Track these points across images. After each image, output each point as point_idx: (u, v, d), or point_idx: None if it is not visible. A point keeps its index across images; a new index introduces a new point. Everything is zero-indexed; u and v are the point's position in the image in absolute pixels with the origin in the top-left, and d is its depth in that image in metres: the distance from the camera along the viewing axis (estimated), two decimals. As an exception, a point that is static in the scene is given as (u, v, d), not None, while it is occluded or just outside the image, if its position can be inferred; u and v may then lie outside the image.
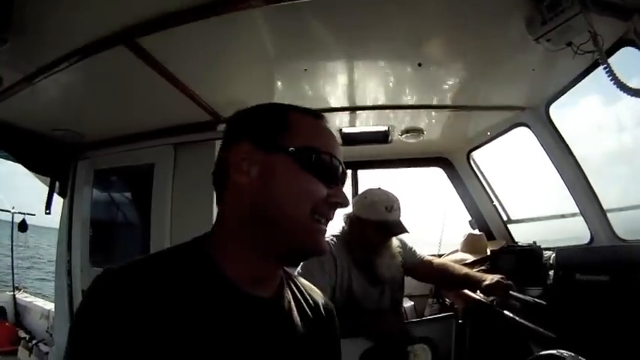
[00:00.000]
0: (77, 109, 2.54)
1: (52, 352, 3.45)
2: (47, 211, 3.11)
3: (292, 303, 0.84)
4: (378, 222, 2.02)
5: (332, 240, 2.10)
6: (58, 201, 3.16)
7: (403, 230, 2.05)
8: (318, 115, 0.82)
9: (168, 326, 0.63)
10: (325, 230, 0.78)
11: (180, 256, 0.74)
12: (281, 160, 0.74)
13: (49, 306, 4.71)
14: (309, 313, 0.87)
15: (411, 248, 2.26)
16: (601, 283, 1.44)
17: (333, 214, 0.78)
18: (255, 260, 0.75)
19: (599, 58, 1.38)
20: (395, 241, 2.16)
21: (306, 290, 0.92)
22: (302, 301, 0.87)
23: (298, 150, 0.74)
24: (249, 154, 0.75)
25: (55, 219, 3.26)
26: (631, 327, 1.26)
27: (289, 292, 0.85)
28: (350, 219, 2.14)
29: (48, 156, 2.97)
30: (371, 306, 2.09)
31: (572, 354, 1.06)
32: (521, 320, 1.71)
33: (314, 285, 1.77)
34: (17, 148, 2.81)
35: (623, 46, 1.62)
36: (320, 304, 0.92)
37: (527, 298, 1.78)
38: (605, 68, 1.38)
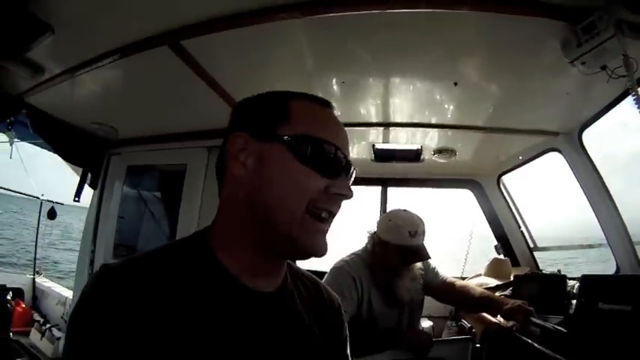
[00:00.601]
0: (115, 104, 2.66)
1: (64, 338, 3.59)
2: (76, 199, 3.27)
3: (296, 298, 0.82)
4: (401, 247, 2.04)
5: (353, 259, 2.14)
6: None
7: (425, 257, 2.08)
8: (325, 103, 0.79)
9: (169, 321, 0.63)
10: (326, 230, 0.75)
11: (180, 250, 0.74)
12: (276, 149, 0.72)
13: (67, 293, 4.89)
14: (314, 308, 0.85)
15: (434, 268, 2.29)
16: (624, 313, 1.42)
17: (338, 207, 0.75)
18: (253, 254, 0.73)
19: (629, 82, 1.38)
20: (417, 267, 2.18)
21: (312, 285, 0.91)
22: (306, 296, 0.86)
23: (294, 138, 0.71)
24: (246, 144, 0.73)
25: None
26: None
27: (294, 287, 0.84)
28: (373, 239, 2.17)
29: (83, 148, 3.13)
30: (389, 325, 2.10)
31: None
32: (541, 347, 1.69)
33: None
34: (54, 137, 2.95)
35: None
36: (326, 299, 0.91)
37: (548, 324, 1.77)
38: (632, 94, 1.38)
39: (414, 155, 3.09)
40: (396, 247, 2.04)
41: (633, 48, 1.41)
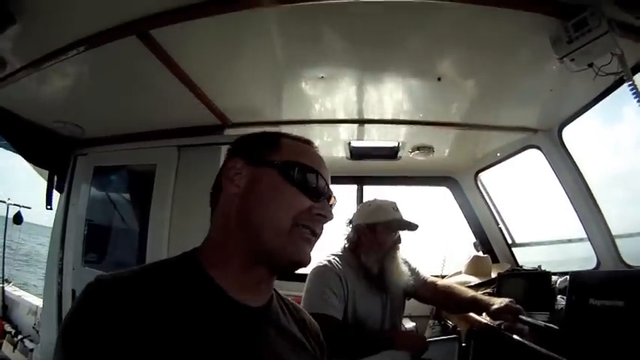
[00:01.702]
0: (80, 101, 2.53)
1: (37, 349, 3.41)
2: (48, 206, 3.09)
3: (281, 315, 0.88)
4: (390, 221, 2.09)
5: (334, 259, 2.11)
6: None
7: (414, 226, 2.11)
8: (309, 142, 0.91)
9: (162, 336, 0.65)
10: (312, 241, 0.83)
11: (172, 265, 0.79)
12: (267, 172, 0.82)
13: (38, 302, 4.60)
14: (297, 328, 0.91)
15: (415, 268, 2.28)
16: (616, 308, 1.44)
17: (320, 228, 0.84)
18: (243, 269, 0.79)
19: (626, 77, 1.41)
20: (401, 260, 2.17)
21: (293, 308, 0.97)
22: (290, 316, 0.92)
23: (284, 163, 0.82)
24: (241, 168, 0.84)
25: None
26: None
27: (279, 306, 0.90)
28: (357, 231, 2.16)
29: (47, 149, 2.97)
30: (373, 324, 2.09)
31: None
32: (532, 345, 1.70)
33: (329, 307, 1.82)
34: (17, 137, 2.80)
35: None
36: (307, 322, 0.97)
37: (539, 322, 1.77)
38: (631, 88, 1.41)
39: (391, 153, 3.09)
40: (385, 224, 2.08)
41: (622, 46, 1.43)
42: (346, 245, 2.20)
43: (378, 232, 2.09)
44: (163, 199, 2.75)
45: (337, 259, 2.11)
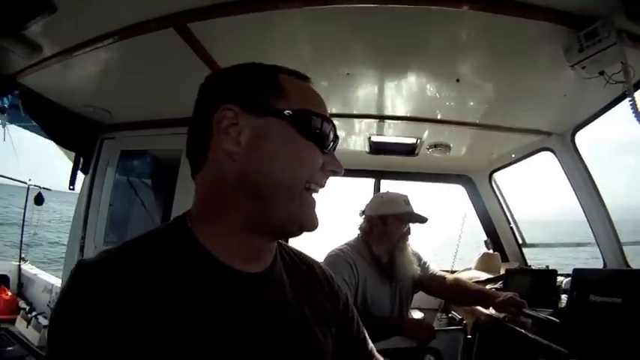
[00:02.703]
0: (110, 87, 2.62)
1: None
2: (71, 187, 3.22)
3: (285, 275, 0.81)
4: (401, 214, 2.21)
5: (346, 248, 2.24)
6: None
7: (424, 219, 2.23)
8: (306, 77, 0.79)
9: (157, 316, 0.60)
10: (315, 203, 0.75)
11: (162, 239, 0.71)
12: (276, 124, 0.70)
13: (53, 280, 4.83)
14: (305, 281, 0.86)
15: (425, 262, 2.40)
16: (614, 305, 1.55)
17: (326, 182, 0.76)
18: (244, 236, 0.71)
19: (627, 89, 1.50)
20: (411, 251, 2.30)
21: (298, 258, 0.90)
22: (295, 270, 0.85)
23: (295, 113, 0.70)
24: (237, 118, 0.70)
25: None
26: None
27: (283, 266, 0.82)
28: (370, 221, 2.29)
29: (75, 132, 3.08)
30: (382, 311, 2.21)
31: None
32: (534, 336, 1.81)
33: None
34: (47, 120, 2.90)
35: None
36: (316, 268, 0.92)
37: (541, 315, 1.89)
38: (630, 100, 1.51)
39: (410, 149, 3.19)
40: (396, 216, 2.21)
41: (631, 56, 1.52)
42: (359, 235, 2.33)
43: (388, 224, 2.22)
44: (188, 185, 2.83)
45: (349, 248, 2.24)
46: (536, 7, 1.52)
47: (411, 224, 2.29)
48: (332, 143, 0.75)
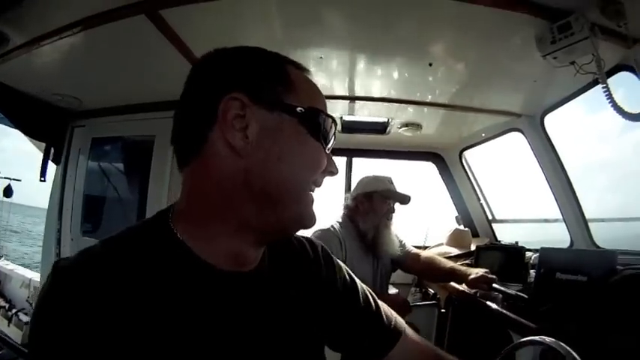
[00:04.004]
0: (79, 74, 2.55)
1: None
2: (42, 179, 3.13)
3: (274, 268, 0.75)
4: (386, 191, 2.35)
5: (334, 225, 2.33)
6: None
7: (408, 197, 2.38)
8: (306, 69, 0.74)
9: (138, 319, 0.56)
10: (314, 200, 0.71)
11: (143, 237, 0.64)
12: (287, 121, 0.65)
13: (31, 274, 4.73)
14: (297, 266, 0.81)
15: (402, 241, 2.49)
16: (579, 283, 1.65)
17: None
18: (238, 236, 0.66)
19: (601, 80, 1.55)
20: (394, 233, 2.41)
21: (289, 242, 0.84)
22: (285, 257, 0.80)
23: (307, 111, 0.66)
24: (243, 109, 0.63)
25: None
26: (605, 323, 1.47)
27: (271, 255, 0.76)
28: (355, 199, 2.40)
29: (44, 121, 3.00)
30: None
31: (554, 340, 1.25)
32: (503, 310, 1.92)
33: None
34: (14, 111, 2.81)
35: (621, 71, 1.82)
36: (307, 247, 0.87)
37: (510, 291, 1.99)
38: (604, 91, 1.55)
39: (381, 127, 3.22)
40: (381, 192, 2.34)
41: (602, 48, 1.56)
42: (345, 213, 2.42)
43: (374, 200, 2.34)
44: (162, 170, 2.83)
45: (337, 224, 2.34)
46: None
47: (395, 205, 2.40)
48: (330, 144, 0.71)
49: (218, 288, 0.64)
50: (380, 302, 0.93)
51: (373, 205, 2.34)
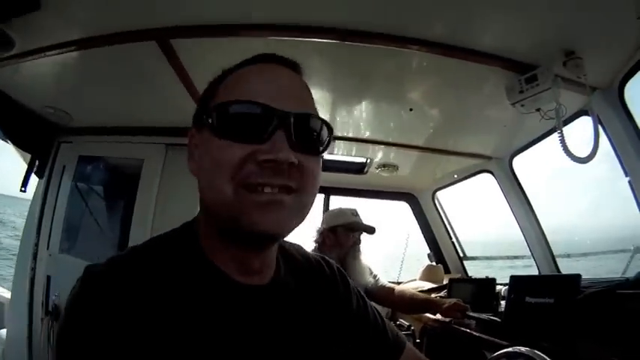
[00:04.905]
0: (75, 89, 2.54)
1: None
2: (22, 189, 3.06)
3: (291, 283, 0.78)
4: (350, 223, 2.44)
5: None
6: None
7: (372, 228, 2.47)
8: (258, 59, 0.72)
9: (161, 325, 0.59)
10: (277, 200, 0.62)
11: (169, 246, 0.69)
12: (205, 132, 0.66)
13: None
14: (313, 284, 0.83)
15: (376, 275, 2.61)
16: (547, 305, 1.82)
17: (276, 177, 0.62)
18: (227, 246, 0.68)
19: (557, 127, 1.79)
20: (364, 264, 2.51)
21: (304, 259, 0.87)
22: (301, 274, 0.83)
23: (212, 114, 0.64)
24: (192, 138, 0.71)
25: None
26: (574, 337, 1.63)
27: (287, 271, 0.79)
28: (322, 234, 2.50)
29: (32, 132, 2.95)
30: None
31: (529, 349, 1.38)
32: (478, 334, 2.05)
33: None
34: (3, 117, 2.74)
35: (582, 116, 2.08)
36: (324, 267, 0.89)
37: (483, 316, 2.14)
38: (559, 137, 1.79)
39: (359, 167, 3.42)
40: (344, 226, 2.44)
41: (564, 96, 1.80)
42: (315, 247, 2.51)
43: (338, 233, 2.44)
44: (148, 195, 2.84)
45: None
46: (485, 53, 1.80)
47: (363, 237, 2.52)
48: (256, 127, 0.62)
49: (232, 298, 0.67)
50: (384, 318, 0.96)
51: (338, 238, 2.44)
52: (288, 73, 0.71)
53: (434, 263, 3.62)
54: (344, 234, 2.44)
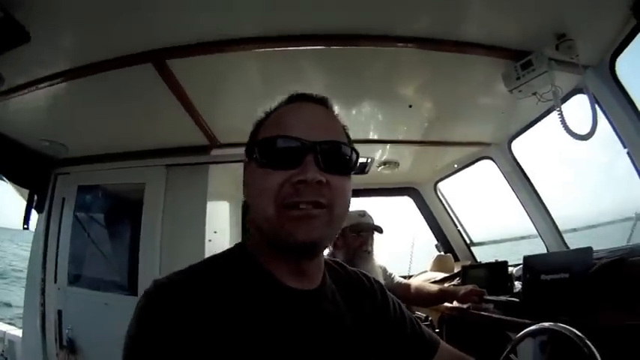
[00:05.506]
0: (68, 119, 2.56)
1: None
2: (25, 226, 3.08)
3: (336, 291, 0.89)
4: (355, 225, 2.50)
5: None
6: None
7: (377, 228, 2.54)
8: (293, 99, 0.87)
9: (224, 330, 0.67)
10: (311, 215, 0.74)
11: (226, 262, 0.81)
12: (252, 164, 0.80)
13: (4, 327, 4.40)
14: (356, 293, 0.94)
15: (391, 274, 2.70)
16: (562, 280, 1.89)
17: (309, 194, 0.73)
18: (277, 258, 0.78)
19: (556, 107, 1.89)
20: (377, 264, 2.59)
21: (345, 271, 0.99)
22: (346, 284, 0.94)
23: (256, 149, 0.78)
24: (245, 169, 0.84)
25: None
26: (591, 307, 1.70)
27: (332, 280, 0.90)
28: None
29: (27, 167, 2.97)
30: None
31: (553, 323, 1.46)
32: (498, 315, 2.12)
33: None
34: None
35: (577, 94, 2.16)
36: (365, 280, 1.01)
37: (501, 298, 2.21)
38: (559, 116, 1.89)
39: (361, 168, 3.47)
40: (350, 227, 2.49)
41: (558, 78, 1.90)
42: (329, 252, 2.55)
43: (346, 236, 2.49)
44: (154, 218, 2.85)
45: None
46: (481, 45, 1.89)
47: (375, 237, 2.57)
48: (295, 157, 0.74)
49: (288, 302, 0.77)
50: (421, 324, 1.06)
51: (346, 240, 2.49)
52: (316, 108, 0.85)
53: (442, 253, 3.71)
54: (351, 235, 2.49)
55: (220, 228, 3.11)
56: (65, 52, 1.90)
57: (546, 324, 1.51)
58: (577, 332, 1.36)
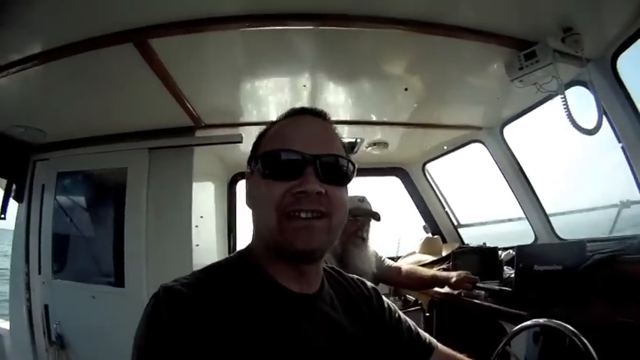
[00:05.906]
0: (46, 104, 2.49)
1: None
2: (2, 216, 3.00)
3: (334, 294, 0.93)
4: (351, 209, 2.45)
5: None
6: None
7: (375, 214, 2.52)
8: (293, 112, 0.92)
9: (227, 331, 0.71)
10: (311, 224, 0.79)
11: (230, 267, 0.85)
12: (255, 175, 0.85)
13: None
14: (353, 297, 0.98)
15: (381, 257, 2.70)
16: (555, 272, 1.95)
17: (309, 204, 0.78)
18: (279, 264, 0.83)
19: (562, 99, 1.89)
20: (372, 252, 2.59)
21: (342, 277, 1.03)
22: (343, 288, 0.98)
23: (259, 161, 0.84)
24: (247, 180, 0.91)
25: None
26: (582, 300, 1.77)
27: (330, 284, 0.95)
28: None
29: (4, 155, 2.88)
30: None
31: (548, 319, 1.50)
32: (490, 304, 2.18)
33: None
34: None
35: (575, 86, 2.16)
36: (361, 285, 1.04)
37: (494, 286, 2.27)
38: (564, 108, 1.89)
39: (350, 147, 3.42)
40: (349, 212, 2.45)
41: (560, 68, 1.90)
42: None
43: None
44: (138, 203, 2.79)
45: None
46: (484, 32, 1.84)
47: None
48: (296, 169, 0.79)
49: (288, 304, 0.82)
50: (417, 327, 1.09)
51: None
52: (316, 121, 0.90)
53: (430, 234, 3.78)
54: (347, 219, 2.47)
55: (206, 212, 3.08)
56: (38, 33, 1.82)
57: (541, 320, 1.54)
58: (573, 329, 1.40)
